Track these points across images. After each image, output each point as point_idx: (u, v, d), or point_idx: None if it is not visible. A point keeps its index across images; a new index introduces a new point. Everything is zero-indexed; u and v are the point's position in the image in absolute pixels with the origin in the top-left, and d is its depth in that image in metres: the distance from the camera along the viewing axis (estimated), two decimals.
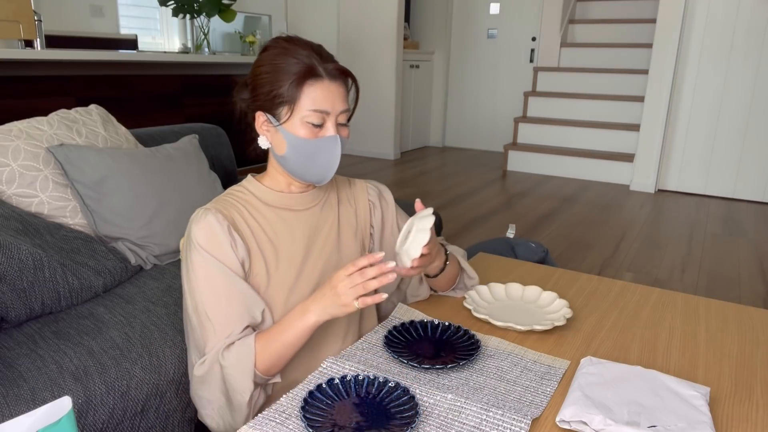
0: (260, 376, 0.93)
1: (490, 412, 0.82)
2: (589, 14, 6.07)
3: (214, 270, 0.94)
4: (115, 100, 3.15)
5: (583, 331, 1.10)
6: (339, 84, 0.97)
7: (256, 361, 0.92)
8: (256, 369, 0.92)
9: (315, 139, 0.96)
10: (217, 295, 0.94)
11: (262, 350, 0.92)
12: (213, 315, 0.94)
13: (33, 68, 2.77)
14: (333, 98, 0.96)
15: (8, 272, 1.18)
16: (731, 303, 1.25)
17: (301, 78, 0.94)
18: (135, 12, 4.60)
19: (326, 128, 0.97)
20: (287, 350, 0.93)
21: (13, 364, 1.08)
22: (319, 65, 0.95)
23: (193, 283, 0.95)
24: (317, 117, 0.95)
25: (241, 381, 0.91)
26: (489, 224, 3.66)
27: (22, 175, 1.42)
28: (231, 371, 0.91)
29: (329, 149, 0.97)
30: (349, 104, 1.01)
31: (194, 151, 1.77)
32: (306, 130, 0.96)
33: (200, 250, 0.94)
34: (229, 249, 0.95)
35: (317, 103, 0.95)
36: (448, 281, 1.17)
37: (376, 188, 1.17)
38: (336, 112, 0.97)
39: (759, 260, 3.13)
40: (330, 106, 0.96)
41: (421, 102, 6.45)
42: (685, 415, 0.80)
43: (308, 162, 0.98)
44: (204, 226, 0.95)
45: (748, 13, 4.27)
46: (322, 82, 0.95)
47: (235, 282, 0.95)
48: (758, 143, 4.39)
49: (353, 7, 5.61)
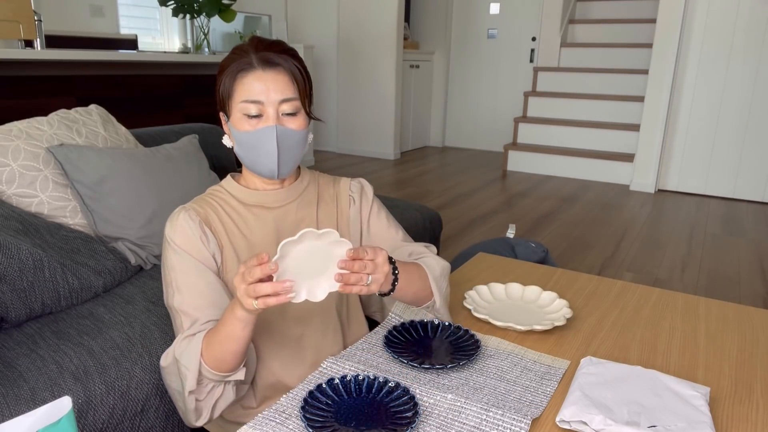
0: (210, 370, 0.89)
1: (490, 412, 0.82)
2: (589, 14, 6.08)
3: (184, 264, 0.95)
4: (115, 100, 3.15)
5: (583, 331, 1.10)
6: (276, 72, 0.93)
7: (203, 354, 0.89)
8: (204, 362, 0.89)
9: (252, 130, 0.94)
10: (187, 286, 0.95)
11: (208, 344, 0.89)
12: (180, 306, 0.94)
13: (33, 68, 2.77)
14: (266, 87, 0.92)
15: (8, 272, 1.18)
16: (731, 303, 1.25)
17: (234, 71, 0.94)
18: (135, 12, 4.60)
19: (264, 119, 0.94)
20: (229, 343, 0.87)
21: (13, 364, 1.08)
22: (253, 55, 0.93)
23: (166, 278, 0.97)
24: (251, 108, 0.93)
25: (187, 373, 0.90)
26: (489, 224, 3.66)
27: (22, 175, 1.42)
28: (180, 362, 0.91)
29: (266, 140, 0.93)
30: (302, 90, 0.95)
31: (194, 151, 1.77)
32: (245, 123, 0.94)
33: (172, 245, 0.96)
34: (200, 243, 0.96)
35: (248, 93, 0.92)
36: (414, 298, 1.00)
37: (359, 184, 1.13)
38: (272, 101, 0.92)
39: (759, 260, 3.13)
40: (263, 95, 0.92)
41: (421, 102, 6.45)
42: (685, 415, 0.80)
43: (253, 155, 0.96)
44: (176, 222, 0.97)
45: (748, 13, 4.27)
46: (254, 71, 0.92)
47: (204, 276, 0.95)
48: (758, 143, 4.39)
49: (353, 7, 5.61)
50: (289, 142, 0.95)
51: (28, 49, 2.90)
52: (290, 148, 0.96)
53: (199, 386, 0.91)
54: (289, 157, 0.97)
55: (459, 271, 1.40)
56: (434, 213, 2.34)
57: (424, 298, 1.01)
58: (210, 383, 0.92)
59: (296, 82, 0.94)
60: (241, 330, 0.86)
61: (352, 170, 5.19)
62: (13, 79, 2.68)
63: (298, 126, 0.96)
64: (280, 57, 0.94)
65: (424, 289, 1.00)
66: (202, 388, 0.92)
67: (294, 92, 0.94)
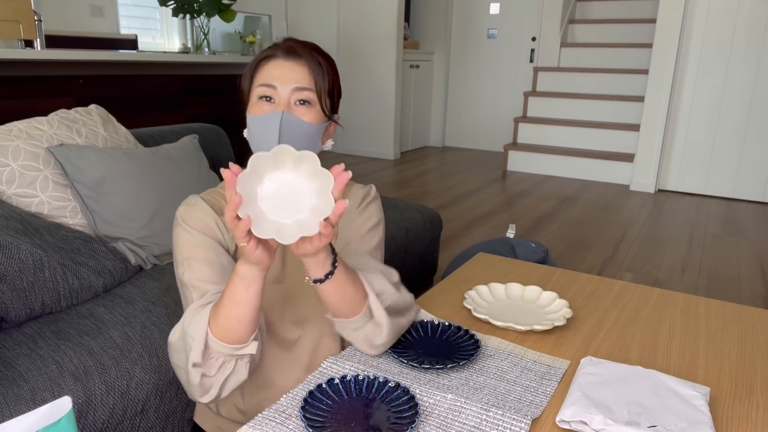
0: (217, 341, 0.85)
1: (490, 412, 0.82)
2: (589, 14, 6.08)
3: (195, 240, 0.93)
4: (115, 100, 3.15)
5: (583, 331, 1.10)
6: (297, 62, 0.92)
7: (210, 323, 0.85)
8: (211, 332, 0.85)
9: (261, 114, 0.92)
10: (198, 261, 0.93)
11: (215, 313, 0.85)
12: (191, 281, 0.92)
13: (33, 68, 2.77)
14: (283, 73, 0.91)
15: (8, 272, 1.18)
16: (731, 303, 1.25)
17: (258, 59, 0.94)
18: (135, 12, 4.60)
19: (275, 105, 0.92)
20: (234, 307, 0.83)
21: (13, 364, 1.08)
22: (279, 46, 0.94)
23: (177, 258, 0.95)
24: (264, 90, 0.92)
25: (192, 344, 0.85)
26: (489, 224, 3.66)
27: (22, 175, 1.42)
28: (187, 332, 0.86)
29: (270, 125, 0.91)
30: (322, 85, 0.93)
31: (194, 151, 1.77)
32: (258, 108, 0.93)
33: (184, 226, 0.94)
34: (215, 226, 0.95)
35: (265, 78, 0.92)
36: (341, 302, 0.90)
37: (369, 186, 1.11)
38: (286, 87, 0.91)
39: (759, 260, 3.13)
40: (278, 81, 0.91)
41: (421, 102, 6.45)
42: (685, 415, 0.80)
43: (258, 141, 0.94)
44: (189, 207, 0.96)
45: (748, 13, 4.27)
46: (276, 60, 0.93)
47: (216, 252, 0.94)
48: (758, 143, 4.39)
49: (353, 7, 5.61)
50: (293, 130, 0.92)
51: (28, 49, 2.90)
52: (294, 138, 0.92)
53: (209, 360, 0.86)
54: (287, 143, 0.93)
55: (459, 271, 1.40)
56: (434, 213, 2.34)
57: (351, 312, 0.91)
58: (220, 357, 0.86)
59: (315, 75, 0.93)
60: (245, 290, 0.81)
61: (352, 170, 5.19)
62: (13, 79, 2.68)
63: (309, 118, 0.93)
64: (306, 50, 0.93)
65: (353, 300, 0.90)
66: (212, 363, 0.86)
67: (310, 83, 0.92)
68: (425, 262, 2.31)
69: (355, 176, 4.93)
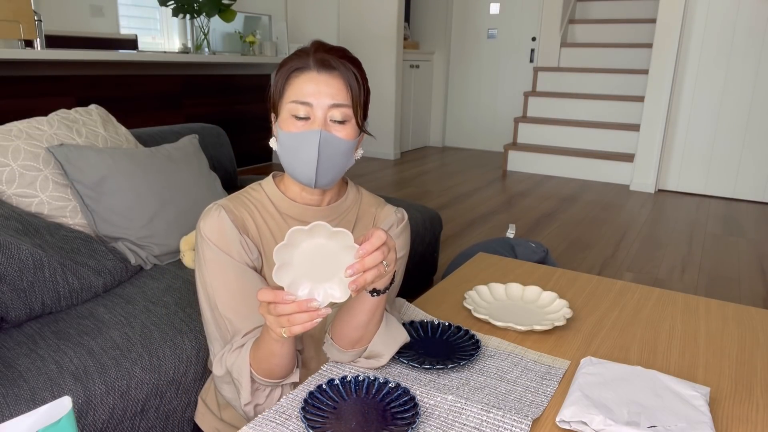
0: (263, 379, 0.89)
1: (490, 413, 0.82)
2: (589, 14, 6.07)
3: (226, 265, 0.91)
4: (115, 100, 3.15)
5: (583, 331, 1.10)
6: (331, 76, 0.89)
7: (252, 366, 0.89)
8: (256, 373, 0.89)
9: (296, 132, 0.89)
10: (231, 291, 0.91)
11: (254, 357, 0.88)
12: (225, 311, 0.92)
13: (33, 68, 2.77)
14: (318, 90, 0.88)
15: (8, 272, 1.18)
16: (731, 303, 1.25)
17: (288, 70, 0.90)
18: (135, 12, 4.60)
19: (311, 122, 0.89)
20: (273, 359, 0.86)
21: (13, 364, 1.08)
22: (311, 56, 0.89)
23: (207, 278, 0.92)
24: (299, 109, 0.88)
25: (240, 388, 0.90)
26: (489, 224, 3.66)
27: (22, 175, 1.42)
28: (232, 374, 0.90)
29: (308, 144, 0.88)
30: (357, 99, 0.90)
31: (194, 151, 1.77)
32: (290, 124, 0.90)
33: (210, 245, 0.91)
34: (239, 246, 0.93)
35: (298, 94, 0.88)
36: (357, 328, 0.91)
37: (401, 211, 1.06)
38: (322, 105, 0.88)
39: (759, 260, 3.13)
40: (313, 98, 0.88)
41: (421, 102, 6.45)
42: (685, 415, 0.80)
43: (292, 158, 0.91)
44: (213, 222, 0.92)
45: (748, 13, 4.27)
46: (309, 72, 0.89)
47: (247, 277, 0.92)
48: (758, 143, 4.39)
49: (353, 7, 5.61)
50: (331, 150, 0.90)
51: (28, 49, 2.90)
52: (332, 156, 0.90)
53: (257, 392, 0.90)
54: (330, 166, 0.91)
55: (459, 271, 1.40)
56: (434, 213, 2.34)
57: (348, 345, 0.93)
58: (267, 388, 0.91)
59: (351, 89, 0.90)
60: (280, 348, 0.84)
61: (351, 170, 5.19)
62: (13, 79, 2.68)
63: (346, 135, 0.90)
64: (338, 61, 0.90)
65: (363, 336, 0.91)
66: (259, 393, 0.91)
67: (347, 99, 0.89)
68: (425, 262, 2.31)
69: (356, 176, 4.93)
